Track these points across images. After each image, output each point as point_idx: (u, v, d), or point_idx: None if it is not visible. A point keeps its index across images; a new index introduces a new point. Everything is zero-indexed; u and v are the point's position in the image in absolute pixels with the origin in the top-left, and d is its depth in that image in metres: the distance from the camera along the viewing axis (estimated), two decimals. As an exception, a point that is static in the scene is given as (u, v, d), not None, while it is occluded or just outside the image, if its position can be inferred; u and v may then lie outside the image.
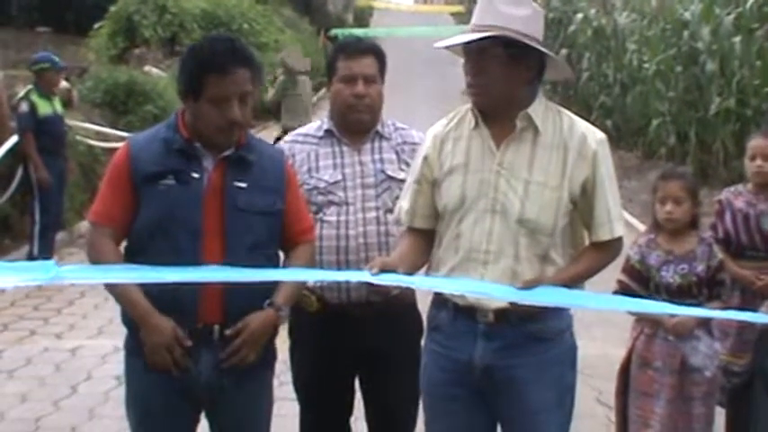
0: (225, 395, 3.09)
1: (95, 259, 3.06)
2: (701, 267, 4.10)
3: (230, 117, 2.97)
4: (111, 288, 3.06)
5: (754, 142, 4.79)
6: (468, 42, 2.90)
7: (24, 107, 8.90)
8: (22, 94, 9.03)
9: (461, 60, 3.05)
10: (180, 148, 3.04)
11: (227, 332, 2.99)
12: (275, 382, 3.34)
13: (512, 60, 2.93)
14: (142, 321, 2.97)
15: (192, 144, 3.05)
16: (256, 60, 3.09)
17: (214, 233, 3.01)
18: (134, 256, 3.04)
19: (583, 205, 3.01)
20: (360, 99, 3.55)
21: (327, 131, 3.65)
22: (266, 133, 16.98)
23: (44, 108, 9.06)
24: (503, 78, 2.94)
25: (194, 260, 2.93)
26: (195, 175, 3.02)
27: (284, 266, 3.16)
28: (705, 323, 4.10)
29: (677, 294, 4.06)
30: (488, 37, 2.87)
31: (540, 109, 3.01)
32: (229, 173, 3.05)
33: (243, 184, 3.06)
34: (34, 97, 8.99)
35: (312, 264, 3.27)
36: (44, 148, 8.97)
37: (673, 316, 4.00)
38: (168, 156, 3.03)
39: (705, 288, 4.11)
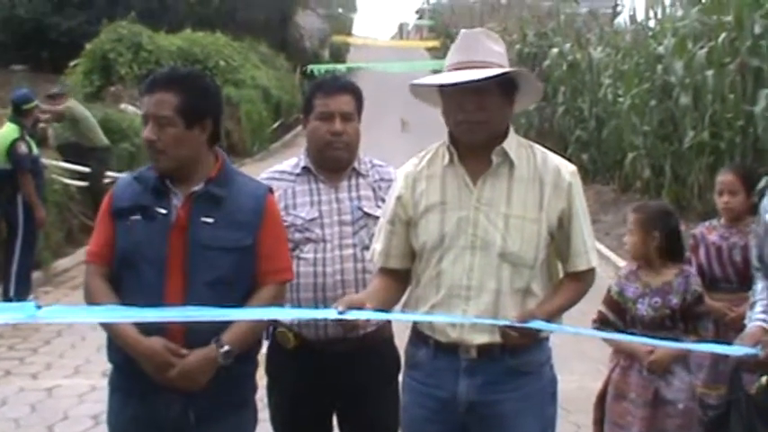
0: (193, 430, 3.06)
1: (87, 299, 3.08)
2: (675, 300, 4.12)
3: (144, 135, 3.03)
4: (104, 326, 3.06)
5: (721, 177, 4.86)
6: (479, 80, 2.87)
7: (24, 148, 8.79)
8: (16, 134, 8.85)
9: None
10: (152, 185, 3.07)
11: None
12: (253, 420, 3.32)
13: (504, 95, 2.98)
14: (133, 351, 2.96)
15: (163, 181, 3.07)
16: (189, 90, 3.04)
17: (177, 269, 3.00)
18: (116, 290, 3.06)
19: (560, 237, 3.03)
20: (337, 136, 3.56)
21: (304, 168, 3.65)
22: (243, 171, 17.01)
23: (34, 148, 9.04)
24: (498, 114, 2.98)
25: (158, 296, 2.94)
26: (162, 211, 3.03)
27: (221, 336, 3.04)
28: (683, 358, 4.13)
29: (651, 327, 4.10)
30: (504, 73, 2.91)
31: (514, 143, 3.04)
32: (196, 208, 3.05)
33: (210, 220, 3.04)
34: (27, 137, 8.95)
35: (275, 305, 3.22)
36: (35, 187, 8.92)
37: (651, 352, 4.06)
38: (141, 193, 3.07)
39: (681, 321, 4.13)
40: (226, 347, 2.99)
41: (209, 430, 3.07)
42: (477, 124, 2.95)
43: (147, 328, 2.93)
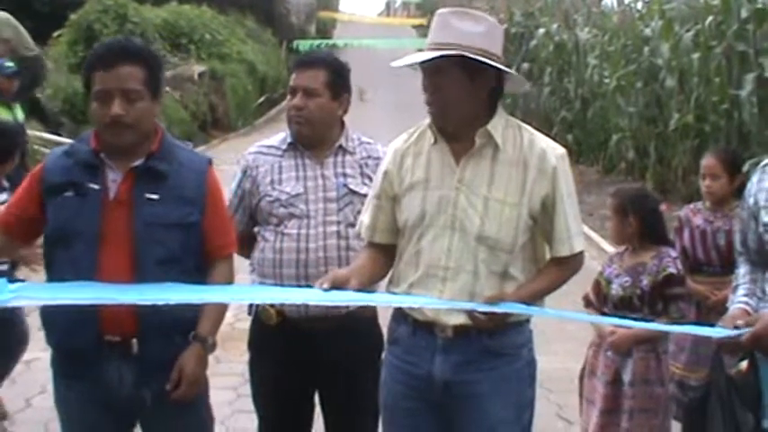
0: (149, 409, 3.05)
1: None
2: (646, 281, 4.16)
3: (110, 112, 2.91)
4: None
5: (704, 162, 4.88)
6: (424, 61, 2.89)
7: None
8: None
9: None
10: (84, 160, 3.01)
11: (167, 387, 2.95)
12: (233, 395, 3.31)
13: (468, 78, 2.92)
14: None
15: (98, 155, 3.01)
16: (152, 61, 3.02)
17: (120, 245, 2.96)
18: (47, 267, 3.06)
19: (543, 221, 3.01)
20: (297, 111, 3.54)
21: (291, 144, 3.63)
22: (227, 145, 16.91)
23: (3, 115, 8.77)
24: (459, 97, 2.93)
25: (90, 272, 2.90)
26: (94, 187, 2.98)
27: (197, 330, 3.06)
28: (649, 341, 4.15)
29: (620, 307, 4.17)
30: (444, 56, 2.87)
31: (501, 124, 3.01)
32: (139, 184, 3.00)
33: (154, 196, 2.99)
34: None
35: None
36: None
37: (614, 332, 4.18)
38: (73, 168, 3.01)
39: (652, 302, 4.15)
40: (209, 340, 3.03)
41: (161, 408, 3.05)
42: (433, 106, 2.96)
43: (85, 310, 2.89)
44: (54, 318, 3.03)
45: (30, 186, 3.09)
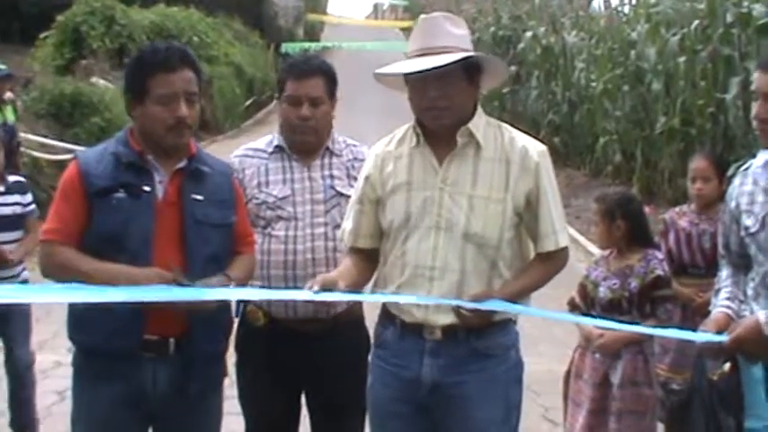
0: (177, 411, 3.07)
1: (67, 272, 2.93)
2: (635, 283, 4.18)
3: (178, 114, 2.98)
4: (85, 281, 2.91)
5: (694, 164, 4.89)
6: (440, 67, 2.87)
7: None
8: None
9: None
10: (130, 162, 3.03)
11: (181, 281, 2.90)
12: (220, 397, 3.32)
13: (468, 80, 2.98)
14: (132, 282, 2.87)
15: (144, 157, 3.04)
16: (200, 67, 3.13)
17: (172, 245, 3.01)
18: None
19: (528, 217, 3.03)
20: (305, 121, 3.55)
21: (278, 147, 3.65)
22: (215, 147, 16.89)
23: None
24: (462, 98, 2.98)
25: None
26: (146, 189, 3.01)
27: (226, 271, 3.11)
28: (637, 343, 4.18)
29: (608, 309, 4.17)
30: (464, 58, 2.90)
31: (481, 124, 3.04)
32: (186, 185, 3.07)
33: (200, 197, 3.07)
34: None
35: (251, 272, 3.29)
36: None
37: (602, 335, 4.18)
38: (119, 170, 3.02)
39: (640, 304, 4.17)
40: (233, 281, 3.07)
41: (192, 409, 3.09)
42: (441, 110, 2.96)
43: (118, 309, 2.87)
44: (95, 319, 2.97)
45: (72, 192, 3.03)
